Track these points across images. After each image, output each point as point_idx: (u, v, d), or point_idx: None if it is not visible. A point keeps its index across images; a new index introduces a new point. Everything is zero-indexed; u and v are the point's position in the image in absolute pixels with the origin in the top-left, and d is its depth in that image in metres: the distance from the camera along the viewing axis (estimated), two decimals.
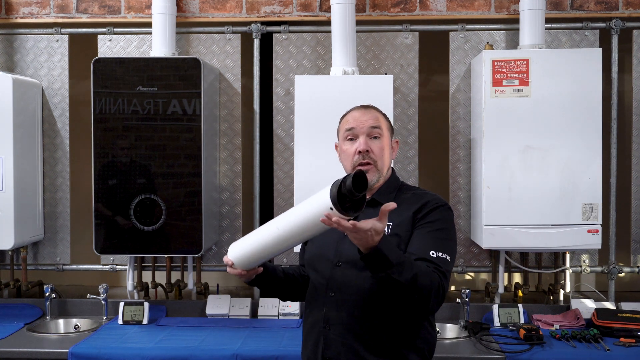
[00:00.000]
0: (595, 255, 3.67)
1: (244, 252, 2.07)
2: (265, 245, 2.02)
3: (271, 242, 2.00)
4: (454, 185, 3.71)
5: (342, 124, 2.23)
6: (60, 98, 3.81)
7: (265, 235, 2.01)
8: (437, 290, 1.94)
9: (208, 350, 2.98)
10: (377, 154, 2.15)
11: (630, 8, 3.59)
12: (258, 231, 2.06)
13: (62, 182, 3.82)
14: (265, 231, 2.01)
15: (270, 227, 2.00)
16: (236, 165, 3.79)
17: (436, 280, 1.94)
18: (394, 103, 3.42)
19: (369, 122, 2.16)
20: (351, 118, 2.19)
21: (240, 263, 2.09)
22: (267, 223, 2.04)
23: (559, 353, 2.93)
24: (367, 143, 2.14)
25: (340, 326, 2.08)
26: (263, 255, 2.06)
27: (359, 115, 2.19)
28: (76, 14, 3.76)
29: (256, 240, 2.04)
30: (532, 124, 3.30)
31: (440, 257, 2.01)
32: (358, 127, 2.15)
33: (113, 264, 3.79)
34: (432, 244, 2.03)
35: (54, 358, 3.00)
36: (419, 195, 2.19)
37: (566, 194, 3.29)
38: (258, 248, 2.04)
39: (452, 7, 3.65)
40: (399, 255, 1.88)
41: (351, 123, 2.18)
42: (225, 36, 3.75)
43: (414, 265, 1.91)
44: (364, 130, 2.15)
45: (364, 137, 2.15)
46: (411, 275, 1.87)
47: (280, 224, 1.96)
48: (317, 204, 1.84)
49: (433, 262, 1.99)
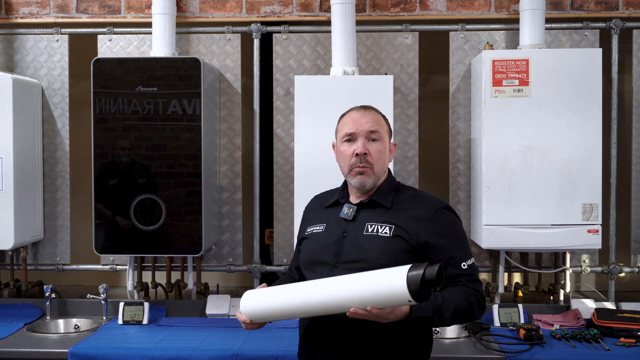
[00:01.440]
0: (595, 255, 3.67)
1: (270, 313, 2.07)
2: (300, 311, 2.02)
3: (311, 311, 1.99)
4: (454, 185, 3.71)
5: (341, 124, 2.22)
6: (60, 98, 3.81)
7: (304, 304, 1.99)
8: (478, 304, 2.06)
9: (208, 350, 2.98)
10: (375, 158, 2.15)
11: (630, 8, 3.59)
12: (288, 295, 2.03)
13: (62, 182, 3.82)
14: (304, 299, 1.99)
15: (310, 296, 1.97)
16: (236, 165, 3.79)
17: (474, 296, 2.05)
18: (394, 103, 3.42)
19: (368, 124, 2.15)
20: (350, 119, 2.18)
21: (260, 318, 2.10)
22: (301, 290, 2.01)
23: (559, 353, 2.93)
24: (366, 146, 2.14)
25: (339, 328, 2.08)
26: (292, 316, 2.07)
27: (359, 117, 2.17)
28: (76, 14, 3.76)
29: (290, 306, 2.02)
30: (532, 124, 3.30)
31: (469, 264, 2.10)
32: (357, 130, 2.15)
33: (113, 264, 3.79)
34: (458, 255, 2.09)
35: (54, 358, 3.00)
36: (419, 198, 2.20)
37: (566, 194, 3.29)
38: (291, 313, 2.04)
39: (452, 7, 3.65)
40: (433, 304, 1.96)
41: (350, 125, 2.17)
42: (225, 36, 3.75)
43: (450, 301, 1.99)
44: (363, 133, 2.15)
45: (363, 139, 2.14)
46: (451, 313, 1.98)
47: (326, 299, 1.93)
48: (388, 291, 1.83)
49: (466, 274, 2.07)
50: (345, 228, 2.15)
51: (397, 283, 1.81)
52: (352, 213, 2.15)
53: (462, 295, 2.03)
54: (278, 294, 2.07)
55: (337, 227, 2.16)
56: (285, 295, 2.05)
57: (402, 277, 1.81)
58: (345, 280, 1.94)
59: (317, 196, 2.38)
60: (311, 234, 2.22)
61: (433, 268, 1.80)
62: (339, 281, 1.95)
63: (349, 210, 2.16)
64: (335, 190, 2.31)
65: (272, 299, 2.08)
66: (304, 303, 1.99)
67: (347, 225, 2.15)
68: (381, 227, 2.10)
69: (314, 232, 2.21)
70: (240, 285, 4.17)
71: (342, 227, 2.15)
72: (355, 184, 2.16)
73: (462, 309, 2.01)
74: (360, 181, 2.15)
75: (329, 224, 2.19)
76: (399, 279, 1.81)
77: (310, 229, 2.24)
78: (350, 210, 2.16)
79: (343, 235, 2.14)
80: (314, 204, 2.36)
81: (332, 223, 2.18)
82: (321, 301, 1.94)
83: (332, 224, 2.18)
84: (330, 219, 2.20)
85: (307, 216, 2.33)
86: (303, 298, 2.00)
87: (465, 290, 2.04)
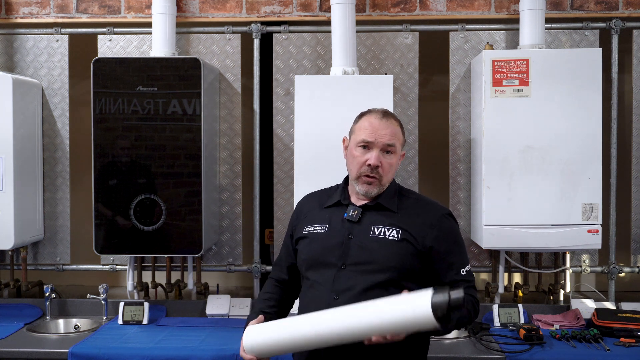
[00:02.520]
0: (595, 255, 3.67)
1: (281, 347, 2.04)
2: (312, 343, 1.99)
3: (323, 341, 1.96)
4: (454, 185, 3.71)
5: (359, 127, 2.19)
6: (60, 98, 3.81)
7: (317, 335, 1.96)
8: (474, 311, 2.12)
9: (208, 350, 2.98)
10: (386, 170, 2.15)
11: (630, 8, 3.59)
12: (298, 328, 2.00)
13: (62, 182, 3.82)
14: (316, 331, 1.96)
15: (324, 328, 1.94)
16: (236, 165, 3.78)
17: (472, 303, 2.11)
18: (394, 103, 3.42)
19: (387, 137, 2.14)
20: (370, 126, 2.15)
21: (267, 353, 2.07)
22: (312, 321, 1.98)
23: (559, 353, 2.93)
24: (380, 158, 2.13)
25: None
26: (302, 349, 2.05)
27: (379, 126, 2.15)
28: (76, 14, 3.76)
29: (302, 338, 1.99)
30: (532, 124, 3.30)
31: (467, 271, 2.14)
32: (375, 140, 2.13)
33: (113, 264, 3.79)
34: (458, 261, 2.13)
35: (54, 358, 3.00)
36: (423, 202, 2.22)
37: (566, 194, 3.29)
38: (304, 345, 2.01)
39: (452, 7, 3.65)
40: None
41: (369, 132, 2.14)
42: (225, 36, 3.75)
43: None
44: (380, 145, 2.14)
45: (378, 151, 2.13)
46: (455, 322, 2.03)
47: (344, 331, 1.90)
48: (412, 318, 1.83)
49: (464, 280, 2.11)
50: (350, 229, 2.14)
51: (422, 311, 1.81)
52: (357, 215, 2.15)
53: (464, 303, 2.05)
54: (286, 328, 2.03)
55: (342, 228, 2.15)
56: (295, 328, 2.01)
57: (426, 305, 1.80)
58: (362, 310, 1.91)
59: (310, 195, 2.36)
60: (311, 234, 2.20)
61: (458, 293, 1.79)
62: (355, 311, 1.92)
63: (355, 212, 2.16)
64: (332, 189, 2.29)
65: (278, 333, 2.04)
66: (318, 335, 1.95)
67: (352, 227, 2.15)
68: (388, 231, 2.11)
69: (315, 232, 2.20)
70: (240, 285, 4.17)
71: (346, 228, 2.15)
72: (360, 191, 2.16)
73: (462, 317, 2.06)
74: (366, 190, 2.15)
75: (332, 224, 2.18)
76: (424, 307, 1.81)
77: (309, 228, 2.21)
78: (355, 212, 2.16)
79: (348, 237, 2.13)
80: (308, 202, 2.33)
81: (335, 224, 2.17)
82: (337, 333, 1.92)
83: (336, 224, 2.17)
84: (332, 220, 2.19)
85: (302, 214, 2.29)
86: (316, 330, 1.96)
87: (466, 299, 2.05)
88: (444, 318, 1.81)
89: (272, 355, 2.09)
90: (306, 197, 2.37)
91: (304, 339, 1.98)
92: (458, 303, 1.79)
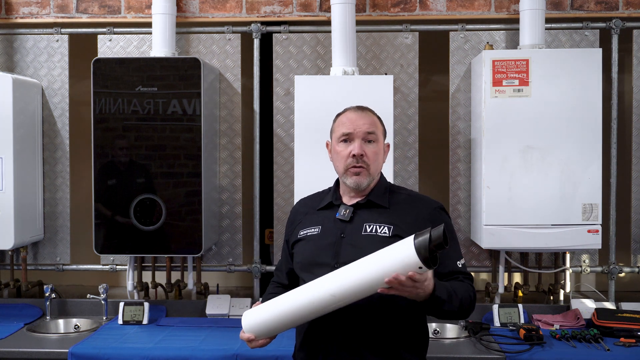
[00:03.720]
0: (595, 255, 3.67)
1: (279, 321, 2.04)
2: (307, 312, 1.99)
3: (321, 307, 1.97)
4: (454, 185, 3.71)
5: (337, 124, 2.22)
6: (60, 98, 3.81)
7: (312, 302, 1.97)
8: (474, 301, 2.10)
9: (208, 350, 2.98)
10: (371, 159, 2.16)
11: (630, 8, 3.59)
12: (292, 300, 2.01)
13: (62, 182, 3.82)
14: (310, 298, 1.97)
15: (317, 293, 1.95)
16: (236, 165, 3.79)
17: (471, 292, 2.09)
18: (394, 103, 3.42)
19: (365, 126, 2.16)
20: (347, 120, 2.19)
21: (265, 331, 2.07)
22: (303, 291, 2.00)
23: (559, 353, 2.93)
24: (362, 147, 2.14)
25: (343, 328, 2.08)
26: (304, 321, 2.05)
27: (356, 117, 2.18)
28: (76, 14, 3.76)
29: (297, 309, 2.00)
30: (532, 124, 3.30)
31: (462, 263, 2.14)
32: (354, 130, 2.15)
33: (113, 264, 3.79)
34: (454, 254, 2.13)
35: (54, 358, 3.00)
36: (414, 198, 2.23)
37: (566, 194, 3.29)
38: (300, 316, 2.01)
39: (452, 7, 3.65)
40: (446, 289, 1.98)
41: (347, 125, 2.17)
42: (225, 36, 3.75)
43: (457, 291, 2.02)
44: (360, 134, 2.15)
45: (360, 140, 2.15)
46: (458, 303, 2.01)
47: (336, 290, 1.92)
48: (398, 262, 1.83)
49: (461, 272, 2.11)
50: (342, 229, 2.15)
51: (406, 252, 1.82)
52: (349, 214, 2.16)
53: (465, 290, 2.07)
54: (280, 301, 2.05)
55: (334, 228, 2.16)
56: (289, 300, 2.02)
57: (409, 246, 1.82)
58: (349, 268, 1.93)
59: (303, 199, 2.38)
60: (306, 236, 2.21)
61: (438, 229, 1.81)
62: (343, 271, 1.94)
63: (346, 212, 2.16)
64: (324, 192, 2.31)
65: (274, 308, 2.05)
66: (311, 301, 1.97)
67: (344, 226, 2.15)
68: (380, 227, 2.11)
69: (309, 234, 2.21)
70: (240, 285, 4.17)
71: (339, 228, 2.15)
72: (350, 184, 2.17)
73: (465, 302, 2.05)
74: (356, 181, 2.16)
75: (325, 225, 2.18)
76: (407, 248, 1.82)
77: (304, 231, 2.23)
78: (347, 211, 2.17)
79: (341, 236, 2.14)
80: (302, 207, 2.35)
81: (327, 224, 2.18)
82: (330, 293, 1.93)
83: (328, 225, 2.18)
84: (325, 221, 2.20)
85: (296, 219, 2.31)
86: (309, 297, 1.97)
87: (466, 287, 2.08)
88: (428, 258, 1.80)
89: (271, 332, 2.09)
90: (299, 202, 2.40)
91: (297, 308, 1.99)
92: (438, 240, 1.79)
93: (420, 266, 1.81)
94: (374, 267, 1.88)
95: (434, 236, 1.80)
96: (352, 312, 2.06)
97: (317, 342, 2.12)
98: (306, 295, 1.99)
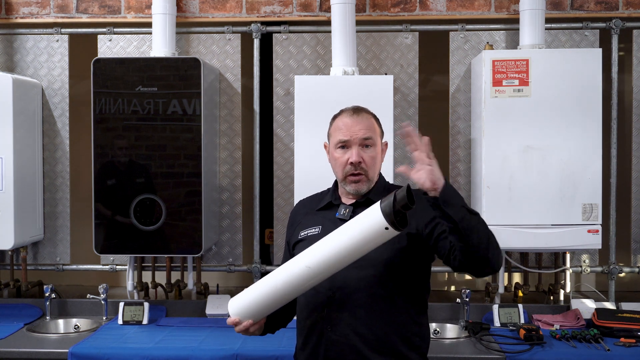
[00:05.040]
0: (595, 255, 3.67)
1: (261, 300, 2.03)
2: (290, 288, 1.99)
3: (299, 282, 1.97)
4: (454, 185, 3.69)
5: (334, 129, 2.21)
6: (60, 98, 3.81)
7: (290, 277, 1.97)
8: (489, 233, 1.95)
9: (208, 350, 2.98)
10: (369, 164, 2.15)
11: (630, 8, 3.59)
12: (272, 278, 2.01)
13: (62, 182, 3.82)
14: (288, 273, 1.97)
15: (294, 267, 1.96)
16: (236, 165, 3.79)
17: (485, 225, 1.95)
18: (394, 103, 3.42)
19: (361, 132, 2.15)
20: (343, 125, 2.17)
21: (249, 312, 2.07)
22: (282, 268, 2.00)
23: (559, 353, 2.93)
24: (360, 154, 2.14)
25: (343, 326, 2.08)
26: (285, 299, 2.04)
27: (352, 123, 2.16)
28: (76, 14, 3.76)
29: (276, 285, 2.00)
30: (532, 124, 3.30)
31: None
32: (351, 137, 2.14)
33: (113, 264, 3.79)
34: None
35: (54, 358, 3.00)
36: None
37: (566, 194, 3.29)
38: (280, 293, 2.01)
39: (452, 7, 3.65)
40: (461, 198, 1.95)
41: (344, 132, 2.16)
42: (225, 36, 3.75)
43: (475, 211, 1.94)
44: (357, 141, 2.14)
45: (357, 147, 2.14)
46: (478, 217, 1.91)
47: (311, 261, 1.93)
48: (366, 226, 1.85)
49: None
50: None
51: (372, 216, 1.85)
52: (348, 213, 2.16)
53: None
54: (262, 283, 2.05)
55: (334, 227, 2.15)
56: (269, 280, 2.03)
57: (376, 209, 1.85)
58: (322, 240, 1.95)
59: (302, 201, 2.39)
60: (306, 237, 2.21)
61: (402, 190, 1.83)
62: (317, 244, 1.96)
63: (346, 211, 2.16)
64: (324, 193, 2.32)
65: (256, 289, 2.06)
66: (288, 277, 1.97)
67: None
68: None
69: (310, 234, 2.20)
70: (240, 285, 4.17)
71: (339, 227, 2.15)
72: (350, 191, 2.17)
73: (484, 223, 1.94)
74: (355, 188, 2.16)
75: (325, 225, 2.18)
76: (374, 212, 1.85)
77: (304, 232, 2.23)
78: (346, 210, 2.17)
79: None
80: (301, 208, 2.35)
81: (328, 224, 2.18)
82: (305, 265, 1.94)
83: (328, 225, 2.17)
84: (325, 221, 2.20)
85: (296, 220, 2.32)
86: (286, 273, 1.98)
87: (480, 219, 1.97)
88: (394, 216, 1.81)
89: (255, 314, 2.08)
90: (299, 203, 2.40)
91: (279, 286, 1.99)
92: (403, 200, 1.81)
93: (387, 227, 1.82)
94: (345, 235, 1.90)
95: (398, 197, 1.82)
96: (352, 311, 2.07)
97: (318, 342, 2.12)
98: (284, 272, 2.00)
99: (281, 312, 2.20)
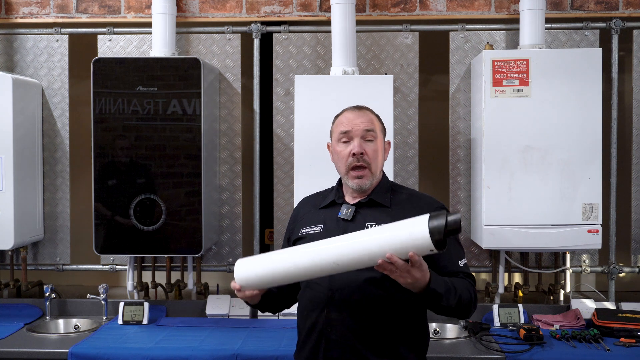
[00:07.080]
0: (595, 255, 3.67)
1: (273, 276, 1.99)
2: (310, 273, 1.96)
3: (320, 271, 1.94)
4: (454, 185, 3.71)
5: (336, 125, 2.24)
6: (60, 98, 3.81)
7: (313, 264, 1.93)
8: (474, 300, 2.08)
9: (208, 350, 2.98)
10: (371, 157, 2.16)
11: (630, 8, 3.59)
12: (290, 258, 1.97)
13: (62, 182, 3.82)
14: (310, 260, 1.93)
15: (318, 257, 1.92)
16: (236, 165, 3.79)
17: (471, 291, 2.07)
18: (394, 103, 3.42)
19: (363, 124, 2.17)
20: (345, 120, 2.20)
21: (260, 285, 2.03)
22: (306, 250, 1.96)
23: (559, 353, 2.93)
24: (362, 146, 2.15)
25: (342, 327, 2.09)
26: (299, 279, 2.02)
27: (354, 117, 2.19)
28: (76, 14, 3.76)
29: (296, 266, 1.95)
30: (532, 124, 3.30)
31: (464, 263, 2.14)
32: (353, 129, 2.17)
33: (113, 264, 3.79)
34: (456, 253, 2.13)
35: (54, 358, 3.00)
36: (416, 197, 2.23)
37: (566, 194, 3.29)
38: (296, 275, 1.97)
39: (452, 7, 3.65)
40: (445, 283, 1.97)
41: (346, 125, 2.18)
42: (225, 36, 3.75)
43: (456, 287, 2.00)
44: (359, 133, 2.16)
45: (359, 139, 2.16)
46: (457, 300, 1.99)
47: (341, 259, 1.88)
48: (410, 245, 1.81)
49: (463, 272, 2.11)
50: (344, 228, 2.15)
51: (418, 232, 1.80)
52: (351, 213, 2.16)
53: (465, 287, 2.06)
54: (277, 258, 2.00)
55: (336, 227, 2.16)
56: (287, 258, 1.98)
57: (423, 226, 1.80)
58: (357, 238, 1.90)
59: (306, 198, 2.39)
60: (307, 235, 2.21)
61: (456, 215, 1.79)
62: (349, 239, 1.90)
63: (348, 211, 2.17)
64: (327, 191, 2.32)
65: (270, 263, 2.00)
66: (311, 264, 1.92)
67: (346, 226, 2.15)
68: None
69: (311, 232, 2.20)
70: None
71: (341, 227, 2.15)
72: (353, 186, 2.18)
73: (464, 299, 2.03)
74: (358, 184, 2.17)
75: (327, 224, 2.19)
76: (421, 228, 1.80)
77: (305, 229, 2.23)
78: (349, 210, 2.17)
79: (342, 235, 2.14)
80: (304, 205, 2.36)
81: (330, 224, 2.18)
82: (333, 261, 1.89)
83: (330, 224, 2.18)
84: (327, 220, 2.20)
85: (298, 217, 2.32)
86: (310, 259, 1.93)
87: (467, 285, 2.08)
88: (441, 241, 1.79)
89: (262, 286, 2.05)
90: (302, 200, 2.40)
91: (298, 269, 1.95)
92: (455, 226, 1.78)
93: (432, 249, 1.80)
94: (385, 242, 1.85)
95: (450, 222, 1.78)
96: (352, 312, 2.07)
97: (318, 342, 2.12)
98: (307, 257, 1.94)
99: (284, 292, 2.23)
